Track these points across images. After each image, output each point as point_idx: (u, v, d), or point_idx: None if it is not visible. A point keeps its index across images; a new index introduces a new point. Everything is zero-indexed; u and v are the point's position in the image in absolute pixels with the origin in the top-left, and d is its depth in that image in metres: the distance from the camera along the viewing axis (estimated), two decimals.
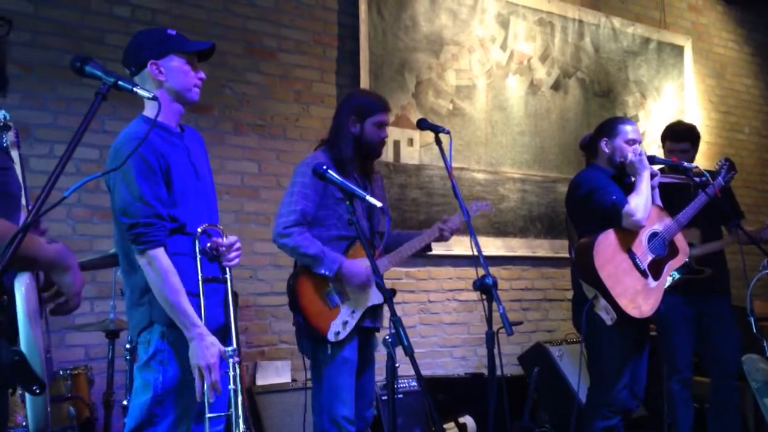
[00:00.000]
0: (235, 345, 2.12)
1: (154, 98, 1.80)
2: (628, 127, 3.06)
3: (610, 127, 3.09)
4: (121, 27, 3.63)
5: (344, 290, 2.72)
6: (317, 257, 2.64)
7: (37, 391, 1.40)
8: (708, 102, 6.22)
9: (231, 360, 2.08)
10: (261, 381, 3.76)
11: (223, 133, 3.94)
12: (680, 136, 3.71)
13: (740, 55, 6.56)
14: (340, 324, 2.67)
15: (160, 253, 2.02)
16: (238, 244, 2.25)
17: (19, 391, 2.35)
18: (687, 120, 5.89)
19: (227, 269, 2.21)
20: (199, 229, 2.14)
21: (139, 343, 2.11)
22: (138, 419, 2.04)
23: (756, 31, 6.69)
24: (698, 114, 6.06)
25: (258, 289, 3.93)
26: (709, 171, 3.31)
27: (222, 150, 3.92)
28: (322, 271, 2.65)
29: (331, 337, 2.65)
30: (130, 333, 2.22)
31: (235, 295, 3.73)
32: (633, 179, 3.05)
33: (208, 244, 2.18)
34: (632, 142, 3.03)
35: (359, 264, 2.68)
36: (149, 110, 2.16)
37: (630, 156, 3.00)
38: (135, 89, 1.71)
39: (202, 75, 2.23)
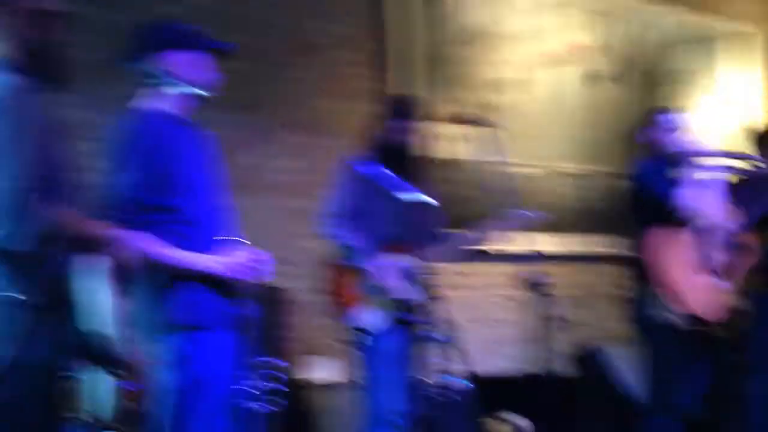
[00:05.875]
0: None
1: (201, 96, 1.81)
2: (678, 117, 3.01)
3: (660, 117, 3.06)
4: None
5: (376, 283, 2.78)
6: (350, 248, 2.76)
7: (120, 374, 1.42)
8: None
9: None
10: (311, 378, 3.75)
11: (271, 129, 3.95)
12: None
13: None
14: (374, 314, 2.72)
15: (140, 234, 1.98)
16: (270, 259, 2.21)
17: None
18: (751, 112, 5.68)
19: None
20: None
21: (158, 346, 2.07)
22: (167, 425, 2.02)
23: None
24: (763, 106, 5.81)
25: (304, 286, 3.91)
26: None
27: (270, 147, 3.94)
28: (355, 263, 2.73)
29: (365, 325, 2.70)
30: (141, 335, 2.10)
31: (281, 292, 3.78)
32: (687, 171, 2.95)
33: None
34: (677, 131, 2.98)
35: (389, 261, 2.74)
36: (162, 102, 2.13)
37: (684, 147, 2.93)
38: (180, 87, 1.72)
39: (218, 75, 2.21)
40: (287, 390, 2.22)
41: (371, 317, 2.72)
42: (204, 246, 2.09)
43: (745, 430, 3.61)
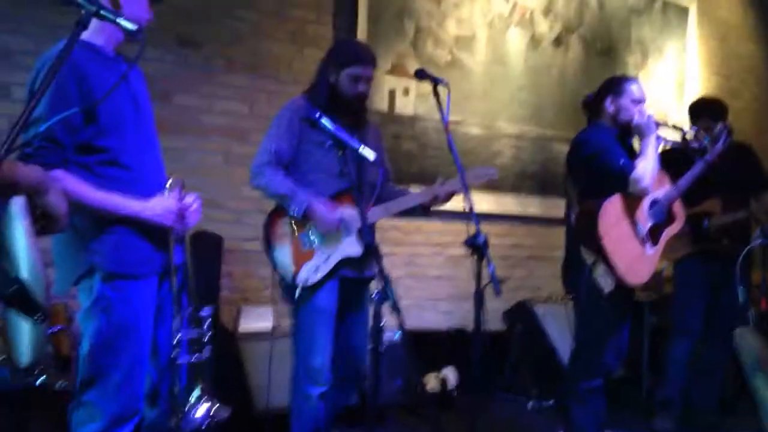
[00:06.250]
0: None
1: (138, 32, 1.70)
2: (634, 86, 2.96)
3: (616, 85, 2.99)
4: None
5: (319, 238, 2.64)
6: (286, 196, 2.58)
7: (40, 320, 1.35)
8: (710, 66, 6.11)
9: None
10: (244, 326, 3.71)
11: (212, 70, 3.81)
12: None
13: (745, 20, 6.42)
14: (312, 268, 2.60)
15: (59, 174, 1.85)
16: (199, 202, 2.12)
17: None
18: (687, 83, 5.84)
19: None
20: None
21: (80, 290, 1.99)
22: (89, 371, 1.95)
23: None
24: (699, 78, 5.96)
25: (243, 234, 3.85)
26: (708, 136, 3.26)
27: (211, 88, 3.79)
28: (291, 211, 2.59)
29: (300, 280, 2.59)
30: (62, 279, 2.02)
31: (219, 239, 3.71)
32: (636, 141, 2.97)
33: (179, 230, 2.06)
34: (638, 102, 2.94)
35: (330, 210, 2.60)
36: (88, 33, 1.94)
37: (637, 117, 2.91)
38: (118, 20, 1.62)
39: (151, 16, 2.07)
40: (216, 339, 2.16)
41: (307, 270, 2.63)
42: (131, 189, 1.98)
43: (663, 386, 3.81)
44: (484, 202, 4.70)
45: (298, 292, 2.60)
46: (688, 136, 3.18)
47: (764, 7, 6.55)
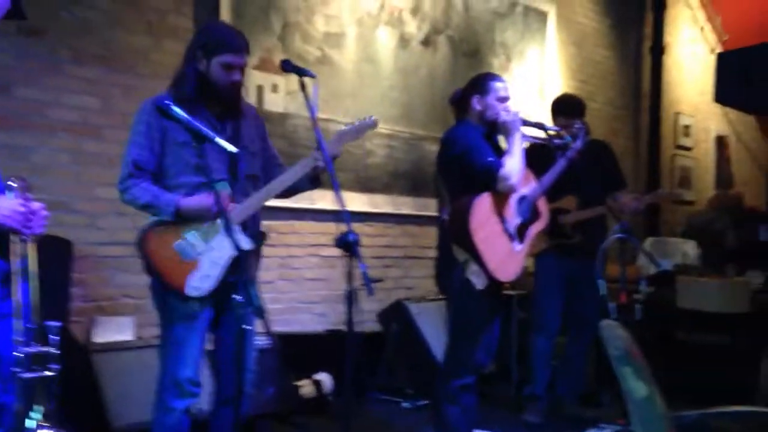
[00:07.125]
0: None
1: None
2: (500, 85, 3.01)
3: (482, 83, 3.03)
4: None
5: (200, 243, 2.44)
6: (151, 204, 2.40)
7: None
8: (568, 70, 6.41)
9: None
10: (99, 338, 3.43)
11: (59, 61, 3.48)
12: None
13: (600, 26, 6.80)
14: (200, 278, 2.41)
15: None
16: (44, 212, 1.93)
17: None
18: (547, 86, 6.09)
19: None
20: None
21: None
22: None
23: (617, 2, 6.96)
24: (558, 81, 6.23)
25: (98, 239, 3.56)
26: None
27: (57, 81, 3.47)
28: (164, 217, 2.40)
29: (190, 291, 2.39)
30: None
31: (68, 244, 3.40)
32: (502, 138, 3.02)
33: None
34: (504, 100, 3.00)
35: (197, 197, 2.41)
36: None
37: (503, 115, 2.95)
38: None
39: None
40: (67, 353, 1.95)
41: (196, 280, 2.40)
42: None
43: (529, 381, 3.92)
44: (357, 202, 4.65)
45: (181, 304, 2.40)
46: (551, 133, 3.27)
47: (618, 15, 6.97)
